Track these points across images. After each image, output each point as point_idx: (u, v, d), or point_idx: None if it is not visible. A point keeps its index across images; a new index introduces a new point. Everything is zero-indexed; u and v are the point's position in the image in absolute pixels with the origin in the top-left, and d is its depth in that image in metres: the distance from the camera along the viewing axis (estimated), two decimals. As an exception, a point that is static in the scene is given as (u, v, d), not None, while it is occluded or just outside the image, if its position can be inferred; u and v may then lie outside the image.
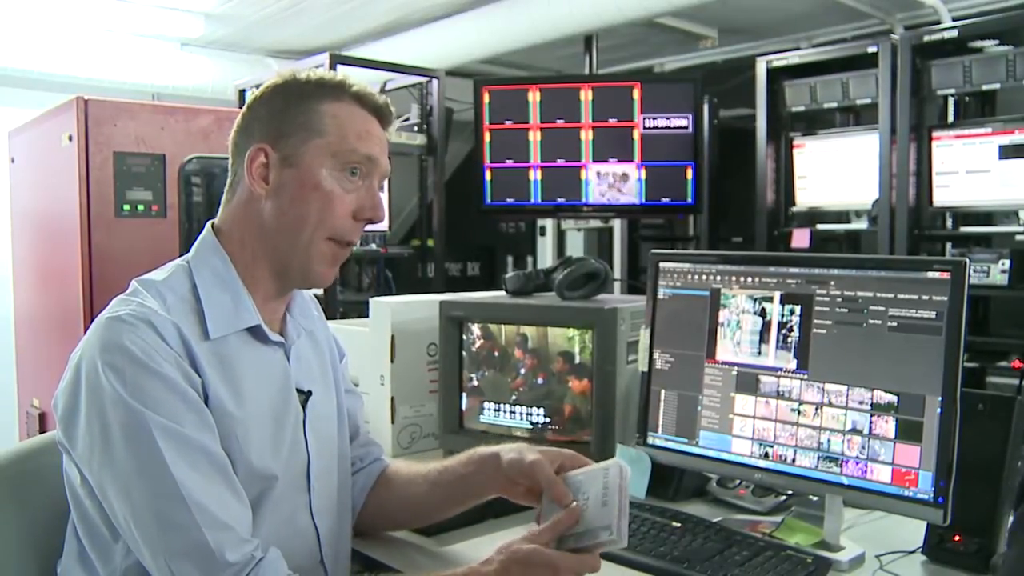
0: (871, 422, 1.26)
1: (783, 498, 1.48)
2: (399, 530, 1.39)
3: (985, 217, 3.26)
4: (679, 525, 1.33)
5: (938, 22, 3.57)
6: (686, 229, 4.72)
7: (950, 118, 3.36)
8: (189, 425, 1.05)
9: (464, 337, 1.77)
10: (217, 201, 1.23)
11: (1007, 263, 2.97)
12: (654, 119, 3.51)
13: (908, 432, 1.22)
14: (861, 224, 3.50)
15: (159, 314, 1.08)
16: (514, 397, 1.70)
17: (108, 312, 1.09)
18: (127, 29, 4.47)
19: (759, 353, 1.38)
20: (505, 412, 1.72)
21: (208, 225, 1.22)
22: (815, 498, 1.38)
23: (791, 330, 1.34)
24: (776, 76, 3.66)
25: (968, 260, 1.22)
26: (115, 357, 1.04)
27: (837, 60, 3.48)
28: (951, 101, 3.37)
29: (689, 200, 3.55)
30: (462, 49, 4.35)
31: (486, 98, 3.61)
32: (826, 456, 1.30)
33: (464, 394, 1.77)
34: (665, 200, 3.58)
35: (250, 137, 1.17)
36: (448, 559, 1.30)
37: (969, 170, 3.06)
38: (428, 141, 3.80)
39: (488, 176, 3.64)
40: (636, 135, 3.51)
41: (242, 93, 4.02)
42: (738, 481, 1.52)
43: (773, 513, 1.45)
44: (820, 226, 3.65)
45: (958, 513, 1.18)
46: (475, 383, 1.75)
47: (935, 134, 3.15)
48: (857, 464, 1.27)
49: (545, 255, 5.42)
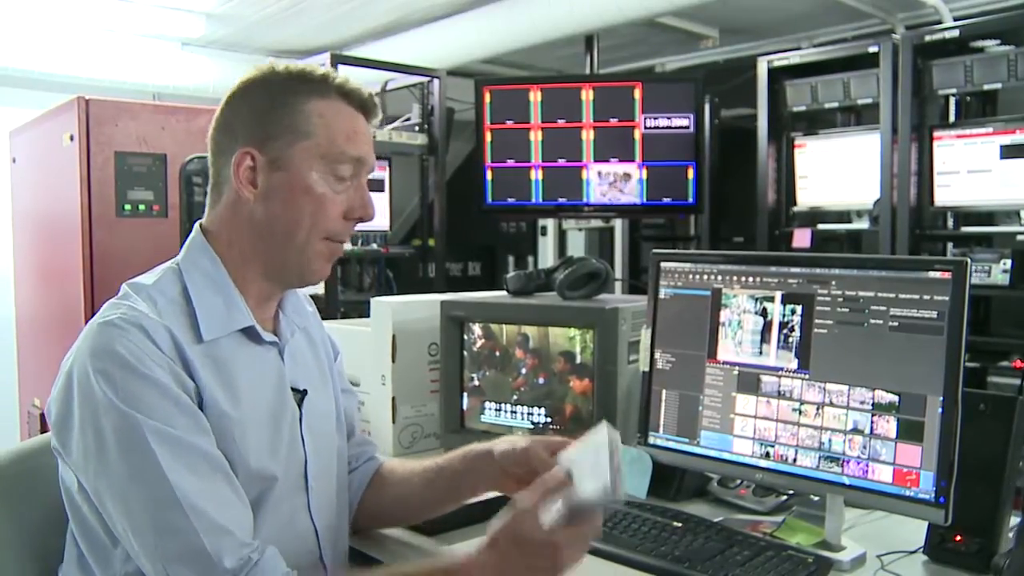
0: (872, 422, 1.26)
1: (784, 498, 1.48)
2: (393, 527, 1.39)
3: (986, 217, 3.25)
4: (680, 525, 1.33)
5: (939, 22, 3.56)
6: (687, 229, 4.72)
7: (951, 118, 3.36)
8: (183, 428, 1.03)
9: (465, 337, 1.77)
10: None
11: (1008, 263, 2.96)
12: (655, 119, 3.51)
13: (909, 432, 1.22)
14: (862, 224, 3.49)
15: (150, 318, 1.07)
16: (515, 397, 1.70)
17: (98, 317, 1.08)
18: (128, 29, 4.47)
19: (760, 353, 1.38)
20: (506, 412, 1.72)
21: (197, 226, 1.20)
22: (816, 498, 1.38)
23: (792, 330, 1.34)
24: (777, 76, 3.65)
25: (969, 260, 1.22)
26: (106, 363, 1.03)
27: (838, 60, 3.47)
28: (952, 101, 3.36)
29: (690, 200, 3.55)
30: (463, 49, 4.35)
31: (487, 98, 3.61)
32: (827, 456, 1.30)
33: (465, 394, 1.77)
34: (666, 200, 3.58)
35: (233, 138, 1.15)
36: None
37: (970, 170, 3.06)
38: (429, 141, 3.80)
39: (489, 176, 3.64)
40: (637, 135, 3.51)
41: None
42: (739, 481, 1.52)
43: (774, 513, 1.45)
44: (821, 226, 3.65)
45: (959, 513, 1.18)
46: (476, 383, 1.75)
47: (936, 134, 3.14)
48: (858, 464, 1.27)
49: (546, 255, 5.43)
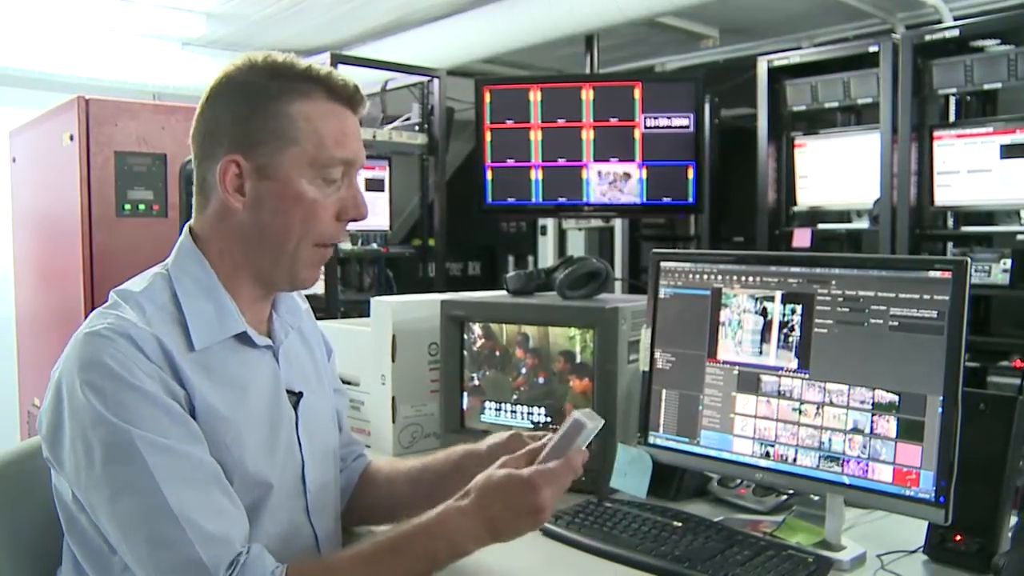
0: (872, 422, 1.26)
1: (784, 497, 1.48)
2: (379, 526, 1.38)
3: (986, 216, 3.25)
4: (680, 525, 1.33)
5: (939, 21, 3.56)
6: (687, 228, 4.72)
7: (951, 117, 3.36)
8: (175, 438, 1.01)
9: (465, 336, 1.77)
10: None
11: (1008, 263, 2.96)
12: (655, 118, 3.51)
13: (909, 432, 1.22)
14: (862, 223, 3.49)
15: (138, 327, 1.04)
16: (515, 396, 1.70)
17: (85, 327, 1.05)
18: (128, 29, 4.47)
19: (760, 353, 1.38)
20: (506, 411, 1.72)
21: (186, 229, 1.18)
22: (816, 498, 1.38)
23: (792, 329, 1.34)
24: (777, 75, 3.66)
25: (969, 259, 1.22)
26: (94, 375, 1.00)
27: (838, 59, 3.47)
28: (952, 100, 3.36)
29: (690, 199, 3.56)
30: (463, 49, 4.35)
31: (487, 97, 3.61)
32: (827, 456, 1.30)
33: (465, 393, 1.77)
34: (666, 199, 3.58)
35: (217, 143, 1.12)
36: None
37: (970, 169, 3.06)
38: (429, 141, 3.80)
39: (489, 175, 3.64)
40: (637, 134, 3.51)
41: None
42: (739, 481, 1.52)
43: (774, 513, 1.45)
44: (821, 225, 3.65)
45: (959, 513, 1.18)
46: (476, 382, 1.75)
47: (936, 133, 3.14)
48: (858, 464, 1.27)
49: (546, 254, 5.43)
